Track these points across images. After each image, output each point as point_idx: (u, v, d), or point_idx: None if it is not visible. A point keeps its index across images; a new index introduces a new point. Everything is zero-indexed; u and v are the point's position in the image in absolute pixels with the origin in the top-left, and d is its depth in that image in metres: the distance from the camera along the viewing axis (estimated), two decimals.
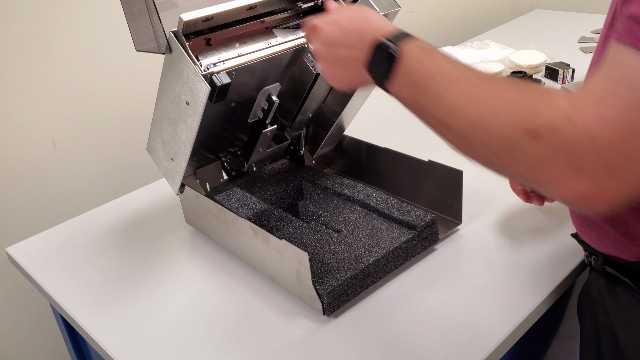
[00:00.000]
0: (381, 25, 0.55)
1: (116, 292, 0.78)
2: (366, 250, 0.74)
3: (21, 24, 1.00)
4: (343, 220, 0.82)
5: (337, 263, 0.72)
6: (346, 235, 0.78)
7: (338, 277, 0.69)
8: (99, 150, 1.17)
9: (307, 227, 0.81)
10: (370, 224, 0.80)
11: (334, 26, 0.58)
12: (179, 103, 0.73)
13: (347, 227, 0.80)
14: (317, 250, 0.75)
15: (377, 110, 1.25)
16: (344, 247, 0.75)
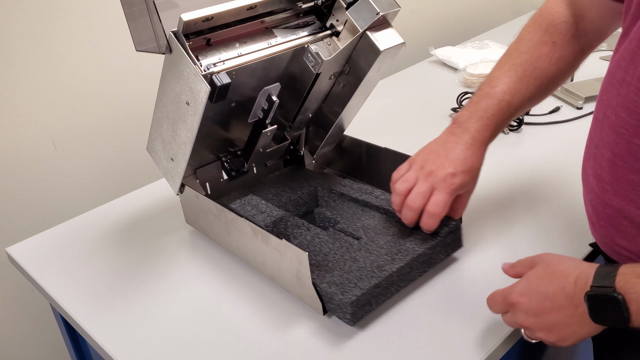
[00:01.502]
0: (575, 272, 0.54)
1: (116, 292, 0.78)
2: (389, 257, 0.71)
3: (21, 24, 1.00)
4: (362, 226, 0.79)
5: (360, 271, 0.69)
6: (367, 242, 0.75)
7: (361, 286, 0.66)
8: (99, 150, 1.17)
9: (325, 234, 0.78)
10: (390, 230, 0.77)
11: (531, 296, 0.57)
12: (179, 103, 0.73)
13: (367, 234, 0.77)
14: (337, 258, 0.72)
15: (377, 110, 1.25)
16: (366, 255, 0.72)
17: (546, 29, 0.74)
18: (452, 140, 0.73)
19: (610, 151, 0.58)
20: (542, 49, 0.73)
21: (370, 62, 0.79)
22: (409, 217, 0.72)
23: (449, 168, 0.70)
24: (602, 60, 1.41)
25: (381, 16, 0.76)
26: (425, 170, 0.72)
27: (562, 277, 0.55)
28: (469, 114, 0.73)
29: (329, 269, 0.70)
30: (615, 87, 0.58)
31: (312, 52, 0.77)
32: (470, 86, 1.33)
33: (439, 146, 0.73)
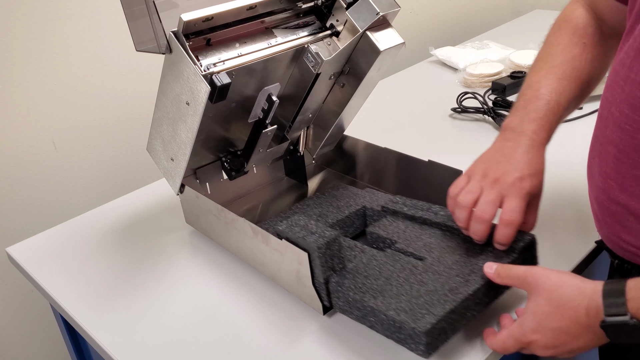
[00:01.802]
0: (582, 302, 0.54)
1: (116, 292, 0.78)
2: (461, 278, 0.64)
3: (21, 24, 1.00)
4: (424, 245, 0.71)
5: (430, 296, 0.62)
6: (432, 263, 0.67)
7: (435, 313, 0.59)
8: (99, 150, 1.17)
9: (383, 255, 0.70)
10: (458, 249, 0.69)
11: (546, 332, 0.56)
12: (179, 103, 0.73)
13: (431, 254, 0.69)
14: (402, 282, 0.65)
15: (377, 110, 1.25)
16: (434, 277, 0.65)
17: (573, 32, 0.73)
18: (509, 145, 0.68)
19: (615, 147, 0.59)
20: (574, 50, 0.72)
21: (370, 62, 0.79)
22: (480, 230, 0.66)
23: (516, 172, 0.65)
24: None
25: (381, 16, 0.76)
26: (489, 178, 0.66)
27: (571, 310, 0.54)
28: (520, 118, 0.69)
29: (394, 294, 0.63)
30: (620, 85, 0.58)
31: (312, 52, 0.77)
32: (470, 86, 1.33)
33: (496, 153, 0.69)
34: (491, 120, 1.15)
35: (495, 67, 1.34)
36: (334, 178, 1.00)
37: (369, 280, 0.65)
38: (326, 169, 1.02)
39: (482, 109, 1.16)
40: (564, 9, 0.77)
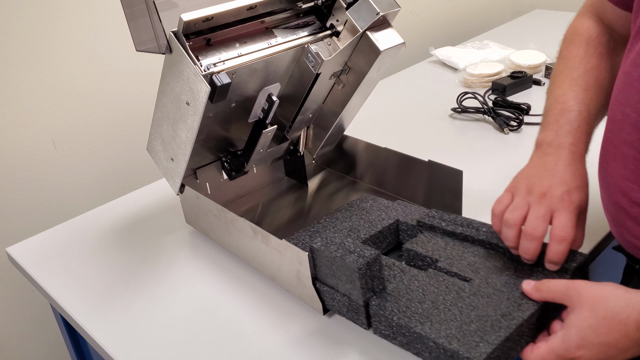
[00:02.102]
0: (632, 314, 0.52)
1: (116, 292, 0.78)
2: (513, 302, 0.60)
3: (21, 24, 1.00)
4: (468, 265, 0.66)
5: (482, 322, 0.57)
6: (480, 285, 0.63)
7: (489, 341, 0.55)
8: (99, 150, 1.17)
9: (425, 276, 0.66)
10: (505, 269, 0.65)
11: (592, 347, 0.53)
12: (179, 103, 0.73)
13: (478, 274, 0.65)
14: (450, 306, 0.60)
15: (377, 110, 1.25)
16: (483, 300, 0.60)
17: (587, 43, 0.72)
18: (550, 160, 0.66)
19: (635, 149, 0.58)
20: (592, 60, 0.71)
21: (370, 62, 0.79)
22: (531, 248, 0.62)
23: (562, 186, 0.63)
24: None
25: (381, 16, 0.76)
26: (535, 193, 0.64)
27: (620, 324, 0.52)
28: (554, 132, 0.68)
29: (443, 319, 0.59)
30: (634, 86, 0.57)
31: (312, 52, 0.77)
32: (470, 86, 1.33)
33: (538, 168, 0.67)
34: (491, 120, 1.15)
35: (495, 67, 1.34)
36: (334, 178, 1.00)
37: (414, 303, 0.61)
38: (326, 169, 1.03)
39: (482, 109, 1.16)
40: (572, 23, 0.76)
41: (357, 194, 0.94)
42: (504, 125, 1.11)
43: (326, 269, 0.65)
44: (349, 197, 0.94)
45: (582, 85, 0.70)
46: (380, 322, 0.63)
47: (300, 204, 0.94)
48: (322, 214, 0.90)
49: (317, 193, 0.97)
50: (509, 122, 1.11)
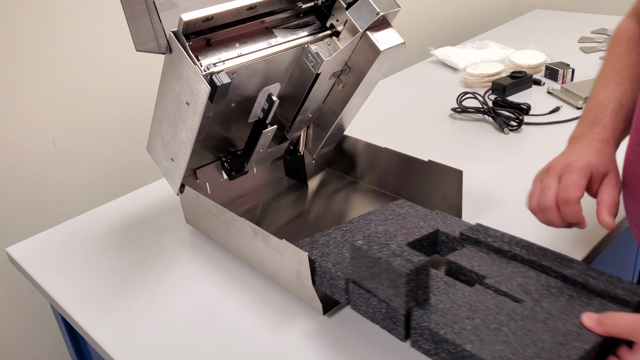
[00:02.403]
0: None
1: (116, 292, 0.78)
2: (572, 332, 0.54)
3: (21, 24, 1.00)
4: (519, 285, 0.61)
5: (537, 347, 0.53)
6: (533, 308, 0.58)
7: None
8: (99, 150, 1.17)
9: (473, 291, 0.61)
10: (559, 294, 0.60)
11: None
12: (179, 103, 0.73)
13: (530, 297, 0.60)
14: (501, 326, 0.55)
15: (377, 110, 1.26)
16: (539, 325, 0.55)
17: (627, 41, 0.74)
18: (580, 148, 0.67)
19: None
20: (631, 56, 0.73)
21: (370, 62, 0.79)
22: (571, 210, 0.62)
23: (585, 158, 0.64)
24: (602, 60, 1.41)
25: (381, 16, 0.76)
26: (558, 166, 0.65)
27: None
28: (583, 127, 0.70)
29: (495, 340, 0.54)
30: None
31: (312, 52, 0.77)
32: (470, 86, 1.33)
33: (565, 154, 0.68)
34: (491, 120, 1.15)
35: (495, 67, 1.34)
36: (334, 178, 1.00)
37: (461, 318, 0.56)
38: (326, 169, 1.03)
39: (482, 109, 1.16)
40: (616, 27, 0.78)
41: (357, 194, 0.94)
42: (504, 125, 1.11)
43: (365, 270, 0.60)
44: (349, 197, 0.94)
45: (617, 80, 0.71)
46: (421, 335, 0.57)
47: (300, 204, 0.94)
48: (322, 214, 0.90)
49: (317, 193, 0.97)
50: (509, 122, 1.11)
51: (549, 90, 1.26)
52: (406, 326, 0.59)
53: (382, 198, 0.92)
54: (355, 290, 0.63)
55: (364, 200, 0.92)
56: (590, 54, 1.45)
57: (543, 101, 1.22)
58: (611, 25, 1.63)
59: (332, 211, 0.90)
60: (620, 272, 1.06)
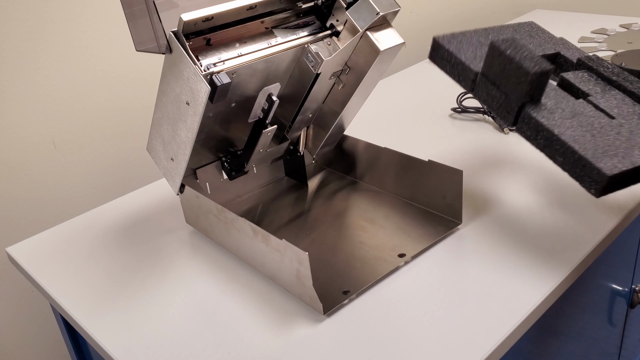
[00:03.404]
0: None
1: (116, 292, 0.78)
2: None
3: (21, 24, 1.00)
4: (615, 106, 0.75)
5: (616, 149, 0.67)
6: (622, 123, 0.72)
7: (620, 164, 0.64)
8: (99, 150, 1.17)
9: (576, 101, 0.74)
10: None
11: None
12: (179, 103, 0.73)
13: (622, 117, 0.73)
14: (592, 129, 0.69)
15: (377, 110, 1.26)
16: (625, 135, 0.69)
17: None
18: None
19: None
20: None
21: (370, 62, 0.79)
22: None
23: None
24: None
25: (381, 16, 0.76)
26: None
27: None
28: None
29: (583, 135, 0.68)
30: None
31: (312, 52, 0.77)
32: None
33: None
34: (491, 120, 1.15)
35: None
36: (334, 178, 1.00)
37: (561, 117, 0.70)
38: (326, 169, 1.03)
39: (482, 109, 1.16)
40: None
41: (357, 194, 0.94)
42: (504, 125, 1.11)
43: (497, 66, 0.73)
44: (349, 197, 0.94)
45: None
46: (527, 124, 0.72)
47: (300, 204, 0.94)
48: (322, 214, 0.90)
49: (317, 193, 0.97)
50: None
51: None
52: (516, 115, 0.73)
53: (382, 198, 0.92)
54: (482, 81, 0.76)
55: (364, 200, 0.92)
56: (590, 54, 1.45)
57: None
58: (611, 25, 1.63)
59: (332, 211, 0.90)
60: (621, 272, 1.06)
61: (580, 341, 1.00)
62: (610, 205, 0.84)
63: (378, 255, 0.79)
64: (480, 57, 0.80)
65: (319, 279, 0.75)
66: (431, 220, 0.85)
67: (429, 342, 0.65)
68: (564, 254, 0.76)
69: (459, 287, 0.73)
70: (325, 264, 0.78)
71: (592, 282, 0.94)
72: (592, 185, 0.66)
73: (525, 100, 0.71)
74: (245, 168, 0.89)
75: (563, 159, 0.68)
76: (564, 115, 0.71)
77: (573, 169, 0.67)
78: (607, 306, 1.06)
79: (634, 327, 1.24)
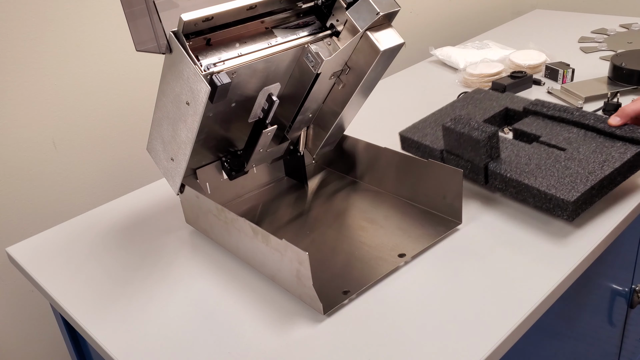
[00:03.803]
0: None
1: (116, 292, 0.78)
2: (598, 164, 0.80)
3: (21, 24, 1.00)
4: (564, 139, 0.86)
5: (573, 177, 0.78)
6: (572, 153, 0.83)
7: (579, 189, 0.76)
8: (99, 150, 1.17)
9: (530, 147, 0.86)
10: (592, 141, 0.85)
11: None
12: (179, 103, 0.73)
13: (571, 145, 0.85)
14: (549, 167, 0.81)
15: (377, 110, 1.26)
16: (575, 163, 0.81)
17: None
18: None
19: None
20: None
21: (370, 62, 0.79)
22: None
23: None
24: (602, 60, 1.41)
25: (381, 16, 0.76)
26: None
27: None
28: None
29: (544, 175, 0.80)
30: None
31: (312, 52, 0.77)
32: (470, 86, 1.33)
33: None
34: None
35: (495, 67, 1.34)
36: (334, 178, 1.00)
37: (522, 165, 0.82)
38: (326, 169, 1.03)
39: None
40: None
41: (357, 194, 0.94)
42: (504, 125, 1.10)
43: (454, 142, 0.86)
44: (349, 197, 0.94)
45: None
46: (495, 179, 0.84)
47: (300, 204, 0.94)
48: (322, 214, 0.90)
49: (317, 193, 0.97)
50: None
51: (549, 90, 1.26)
52: (485, 175, 0.85)
53: (382, 198, 0.92)
54: (447, 155, 0.90)
55: (364, 200, 0.92)
56: (590, 54, 1.45)
57: None
58: (611, 25, 1.63)
59: (332, 211, 0.90)
60: (621, 272, 1.06)
61: (580, 341, 1.00)
62: (610, 205, 0.84)
63: (378, 255, 0.79)
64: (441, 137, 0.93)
65: (319, 279, 0.75)
66: (431, 220, 0.85)
67: (428, 342, 0.65)
68: (564, 254, 0.76)
69: (459, 287, 0.72)
70: (325, 264, 0.78)
71: (592, 282, 0.94)
72: (562, 213, 0.76)
73: (487, 161, 0.84)
74: (245, 168, 0.89)
75: (533, 200, 0.79)
76: (523, 162, 0.83)
77: (543, 205, 0.78)
78: (607, 306, 1.06)
79: (634, 327, 1.24)
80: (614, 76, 1.24)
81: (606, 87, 1.22)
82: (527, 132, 0.91)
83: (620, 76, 1.23)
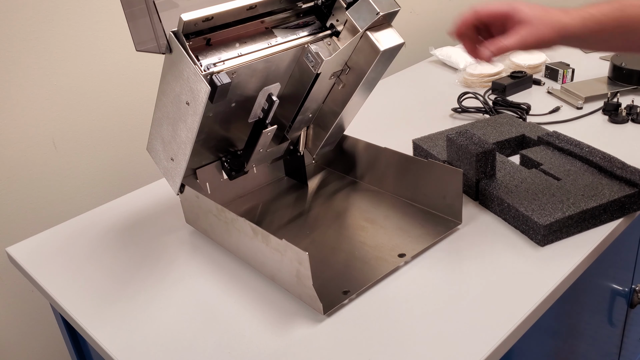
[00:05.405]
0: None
1: (116, 292, 0.78)
2: (585, 197, 0.80)
3: (21, 24, 1.00)
4: (564, 171, 0.87)
5: (555, 204, 0.79)
6: (566, 183, 0.84)
7: (555, 216, 0.76)
8: (99, 150, 1.17)
9: (528, 172, 0.88)
10: (591, 177, 0.85)
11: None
12: (179, 103, 0.73)
13: (568, 177, 0.86)
14: (537, 193, 0.82)
15: (377, 110, 1.26)
16: (563, 193, 0.82)
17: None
18: None
19: None
20: None
21: (370, 62, 0.79)
22: None
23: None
24: (602, 60, 1.41)
25: (381, 16, 0.76)
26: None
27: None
28: None
29: (529, 199, 0.81)
30: None
31: (312, 52, 0.77)
32: (470, 86, 1.33)
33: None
34: None
35: (495, 67, 1.34)
36: (334, 178, 1.00)
37: (512, 187, 0.84)
38: (326, 169, 1.03)
39: (483, 108, 1.16)
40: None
41: (357, 194, 0.94)
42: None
43: (454, 153, 0.89)
44: (349, 197, 0.94)
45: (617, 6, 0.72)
46: (484, 195, 0.86)
47: (300, 204, 0.94)
48: (322, 214, 0.90)
49: (317, 193, 0.97)
50: None
51: (549, 90, 1.26)
52: (476, 190, 0.88)
53: (382, 198, 0.92)
54: None
55: (364, 200, 0.92)
56: (590, 54, 1.45)
57: (543, 101, 1.22)
58: None
59: (332, 211, 0.90)
60: (621, 272, 1.06)
61: (580, 341, 1.00)
62: None
63: (378, 255, 0.79)
64: None
65: (319, 279, 0.75)
66: (431, 220, 0.85)
67: (429, 341, 0.65)
68: (564, 254, 0.76)
69: (459, 287, 0.72)
70: (325, 264, 0.78)
71: (592, 282, 0.94)
72: (535, 236, 0.77)
73: (480, 176, 0.86)
74: (245, 168, 0.89)
75: (513, 220, 0.81)
76: (514, 184, 0.85)
77: (520, 225, 0.80)
78: (607, 306, 1.06)
79: (634, 327, 1.24)
80: (614, 76, 1.24)
81: (606, 87, 1.22)
82: (532, 159, 0.92)
83: (620, 76, 1.23)
